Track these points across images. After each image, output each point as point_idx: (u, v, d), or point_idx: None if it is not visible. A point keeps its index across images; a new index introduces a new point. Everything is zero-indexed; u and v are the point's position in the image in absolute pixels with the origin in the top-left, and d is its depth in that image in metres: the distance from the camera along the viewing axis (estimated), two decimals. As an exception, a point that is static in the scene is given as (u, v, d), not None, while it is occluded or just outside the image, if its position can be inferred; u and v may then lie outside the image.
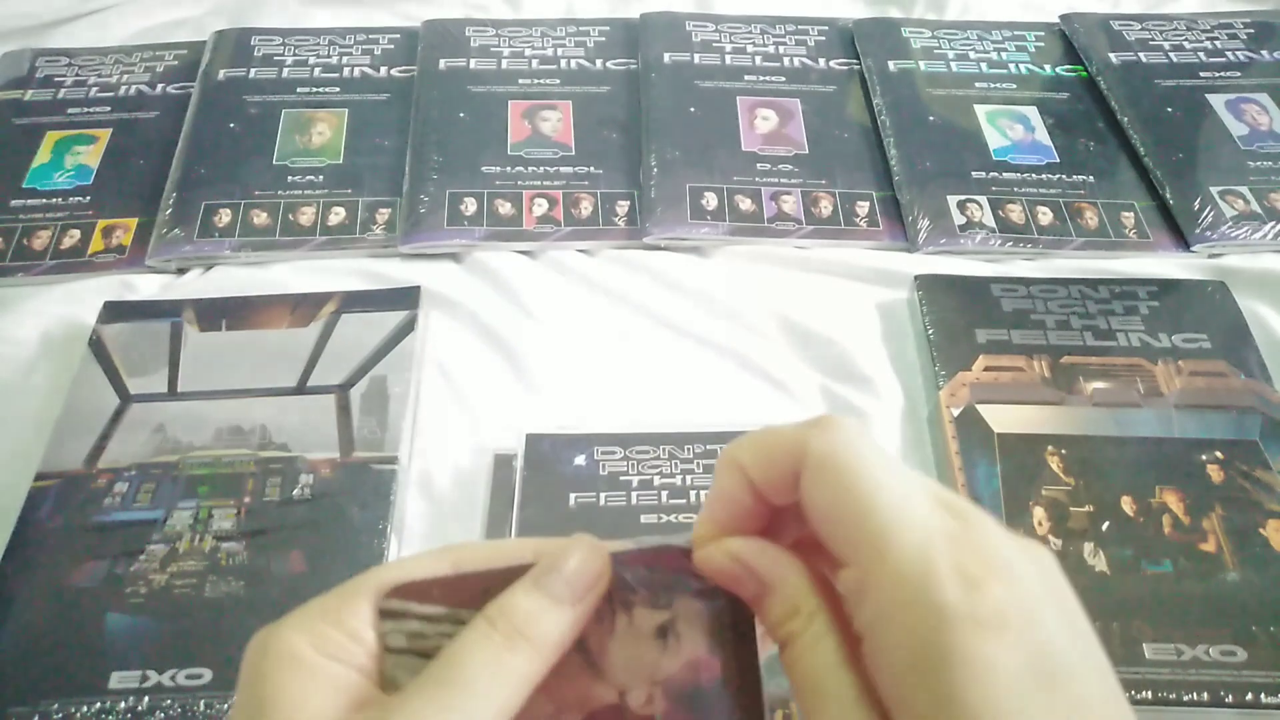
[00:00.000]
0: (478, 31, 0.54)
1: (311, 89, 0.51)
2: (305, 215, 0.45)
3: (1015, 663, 0.13)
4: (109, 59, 0.53)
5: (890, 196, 0.46)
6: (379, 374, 0.38)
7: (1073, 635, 0.14)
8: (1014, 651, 0.13)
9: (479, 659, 0.15)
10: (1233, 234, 0.44)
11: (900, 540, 0.14)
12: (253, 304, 0.40)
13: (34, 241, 0.44)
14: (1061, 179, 0.47)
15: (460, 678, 0.14)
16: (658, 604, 0.16)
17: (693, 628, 0.16)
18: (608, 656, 0.16)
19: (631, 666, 0.16)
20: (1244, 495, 0.34)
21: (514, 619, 0.15)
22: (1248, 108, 0.50)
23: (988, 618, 0.13)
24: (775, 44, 0.53)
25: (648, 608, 0.16)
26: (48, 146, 0.48)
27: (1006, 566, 0.14)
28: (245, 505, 0.34)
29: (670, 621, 0.16)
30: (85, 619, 0.31)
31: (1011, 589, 0.13)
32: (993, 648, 0.13)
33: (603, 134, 0.48)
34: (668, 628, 0.16)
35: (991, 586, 0.13)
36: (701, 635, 0.16)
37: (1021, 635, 0.13)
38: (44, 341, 0.40)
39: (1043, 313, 0.40)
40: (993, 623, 0.13)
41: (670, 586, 0.16)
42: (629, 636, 0.16)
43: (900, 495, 0.14)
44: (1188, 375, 0.37)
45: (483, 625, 0.15)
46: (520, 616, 0.15)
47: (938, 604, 0.13)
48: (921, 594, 0.13)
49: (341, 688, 0.15)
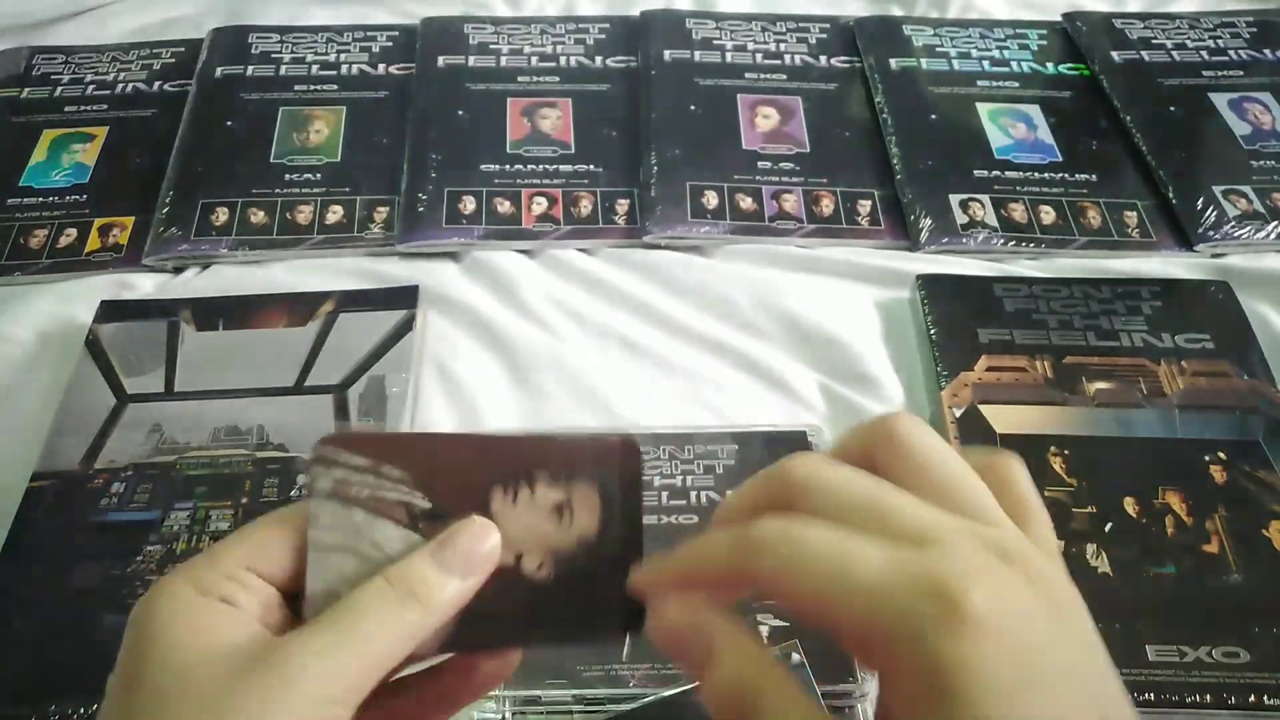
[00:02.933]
0: (476, 29, 0.53)
1: (309, 87, 0.50)
2: (303, 214, 0.45)
3: (992, 664, 0.13)
4: (106, 57, 0.53)
5: (892, 195, 0.46)
6: (377, 374, 0.38)
7: (1060, 641, 0.14)
8: (991, 654, 0.13)
9: (374, 612, 0.16)
10: (1235, 234, 0.44)
11: (853, 613, 0.14)
12: (250, 303, 0.40)
13: (30, 240, 0.44)
14: (1064, 178, 0.46)
15: (354, 625, 0.16)
16: (558, 484, 0.18)
17: (586, 509, 0.18)
18: (507, 525, 0.18)
19: (528, 535, 0.18)
20: (1247, 496, 0.34)
21: (410, 581, 0.17)
22: (1250, 107, 0.50)
23: (963, 626, 0.13)
24: (776, 41, 0.53)
25: (548, 487, 0.18)
26: (44, 145, 0.48)
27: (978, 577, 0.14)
28: (243, 506, 0.34)
29: (566, 501, 0.18)
30: (82, 620, 0.31)
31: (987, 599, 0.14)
32: (968, 650, 0.13)
33: (602, 132, 0.48)
34: (564, 506, 0.18)
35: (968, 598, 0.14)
36: (591, 518, 0.18)
37: (1000, 640, 0.13)
38: (40, 341, 0.40)
39: (1045, 313, 0.39)
40: (969, 630, 0.13)
41: (573, 473, 0.18)
42: (529, 509, 0.18)
43: (838, 574, 0.15)
44: (1190, 376, 0.37)
45: (380, 583, 0.17)
46: (416, 580, 0.17)
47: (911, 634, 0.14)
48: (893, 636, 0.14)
49: (225, 623, 0.16)
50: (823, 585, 0.15)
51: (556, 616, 0.18)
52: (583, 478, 0.18)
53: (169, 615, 0.16)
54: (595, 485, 0.18)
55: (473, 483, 0.18)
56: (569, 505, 0.18)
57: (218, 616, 0.16)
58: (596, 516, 0.18)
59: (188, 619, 0.16)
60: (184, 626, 0.16)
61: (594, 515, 0.18)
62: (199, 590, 0.16)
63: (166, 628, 0.16)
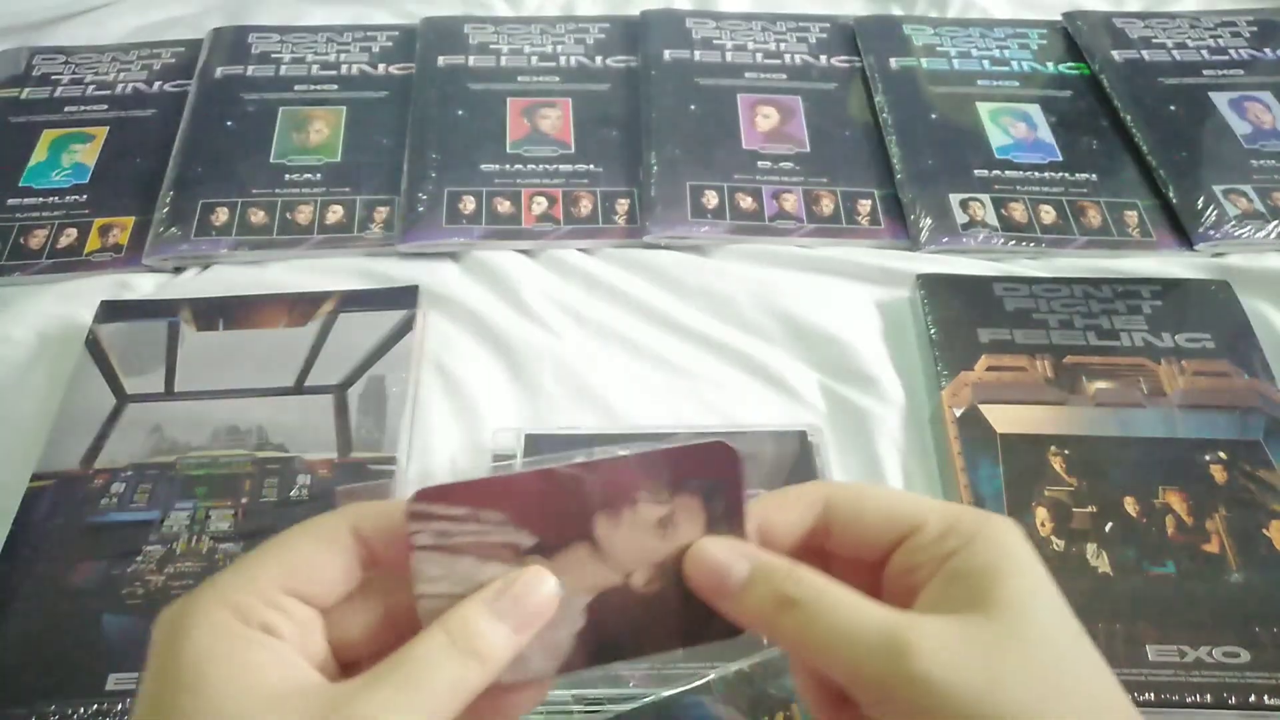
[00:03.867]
0: (476, 29, 0.53)
1: (309, 87, 0.50)
2: (303, 214, 0.45)
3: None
4: (106, 57, 0.53)
5: (892, 195, 0.46)
6: (377, 374, 0.38)
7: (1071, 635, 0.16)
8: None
9: (434, 667, 0.16)
10: (1236, 233, 0.44)
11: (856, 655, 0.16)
12: (250, 303, 0.40)
13: (30, 240, 0.44)
14: (1064, 177, 0.46)
15: (415, 681, 0.16)
16: (660, 499, 0.18)
17: (689, 518, 0.18)
18: (614, 545, 0.18)
19: (634, 553, 0.18)
20: (1248, 496, 0.34)
21: (469, 637, 0.17)
22: (1251, 106, 0.50)
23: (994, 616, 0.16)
24: (776, 41, 0.53)
25: (651, 504, 0.18)
26: (44, 145, 0.48)
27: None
28: (243, 506, 0.34)
29: (670, 515, 0.18)
30: (82, 620, 0.31)
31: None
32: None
33: (602, 132, 0.48)
34: (667, 520, 0.18)
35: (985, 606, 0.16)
36: (696, 526, 0.18)
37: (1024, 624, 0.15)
38: (41, 341, 0.40)
39: (1045, 312, 0.39)
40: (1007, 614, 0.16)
41: (674, 484, 0.18)
42: (633, 528, 0.18)
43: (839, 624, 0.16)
44: (1191, 375, 0.37)
45: (440, 636, 0.16)
46: (475, 634, 0.17)
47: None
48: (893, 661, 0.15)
49: (271, 660, 0.15)
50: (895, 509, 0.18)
51: (668, 628, 0.18)
52: (683, 489, 0.18)
53: (209, 649, 0.15)
54: (696, 494, 0.18)
55: (574, 512, 0.18)
56: (672, 519, 0.18)
57: (263, 653, 0.15)
58: (700, 524, 0.18)
59: (231, 655, 0.15)
60: (227, 664, 0.15)
61: (698, 523, 0.18)
62: (240, 618, 0.16)
63: (208, 664, 0.15)
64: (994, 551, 0.17)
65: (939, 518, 0.17)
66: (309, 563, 0.17)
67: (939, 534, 0.17)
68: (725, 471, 0.18)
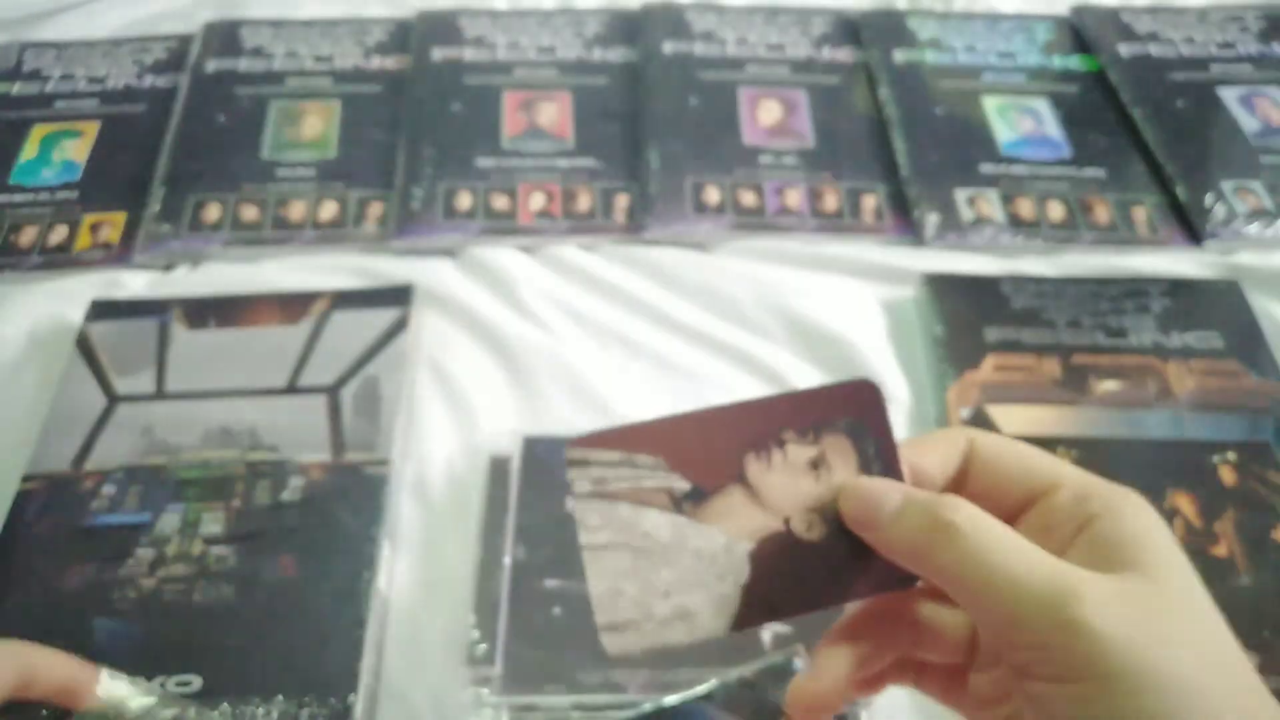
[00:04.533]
0: (472, 21, 0.53)
1: (302, 81, 0.50)
2: (296, 210, 0.44)
3: None
4: (97, 51, 0.52)
5: (897, 191, 0.45)
6: (371, 374, 0.37)
7: None
8: None
9: None
10: (1245, 230, 0.43)
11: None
12: (241, 302, 0.40)
13: (20, 238, 0.43)
14: (1072, 173, 0.46)
15: None
16: (807, 440, 0.18)
17: (841, 458, 0.18)
18: (768, 490, 0.18)
19: (790, 497, 0.18)
20: (1257, 498, 0.33)
21: None
22: (1260, 102, 0.49)
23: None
24: (778, 34, 0.52)
25: (799, 444, 0.18)
26: (34, 141, 0.47)
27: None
28: (234, 508, 0.33)
29: (821, 455, 0.18)
30: (73, 624, 0.31)
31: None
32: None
33: (602, 126, 0.47)
34: (819, 461, 0.18)
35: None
36: (849, 466, 0.18)
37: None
38: (30, 340, 0.40)
39: (1053, 311, 0.39)
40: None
41: (819, 424, 0.18)
42: (785, 471, 0.18)
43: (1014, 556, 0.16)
44: (1200, 375, 0.37)
45: None
46: None
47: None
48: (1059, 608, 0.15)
49: None
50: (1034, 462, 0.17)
51: (837, 576, 0.18)
52: (830, 428, 0.18)
53: None
54: (845, 433, 0.18)
55: (724, 455, 0.18)
56: (824, 459, 0.18)
57: None
58: (853, 464, 0.18)
59: None
60: None
61: (850, 463, 0.18)
62: None
63: None
64: (1140, 521, 0.16)
65: (1076, 481, 0.17)
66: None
67: (1077, 497, 0.17)
68: (869, 410, 0.18)
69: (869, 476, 0.18)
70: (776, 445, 0.18)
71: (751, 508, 0.18)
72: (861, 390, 0.18)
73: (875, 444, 0.18)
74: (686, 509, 0.18)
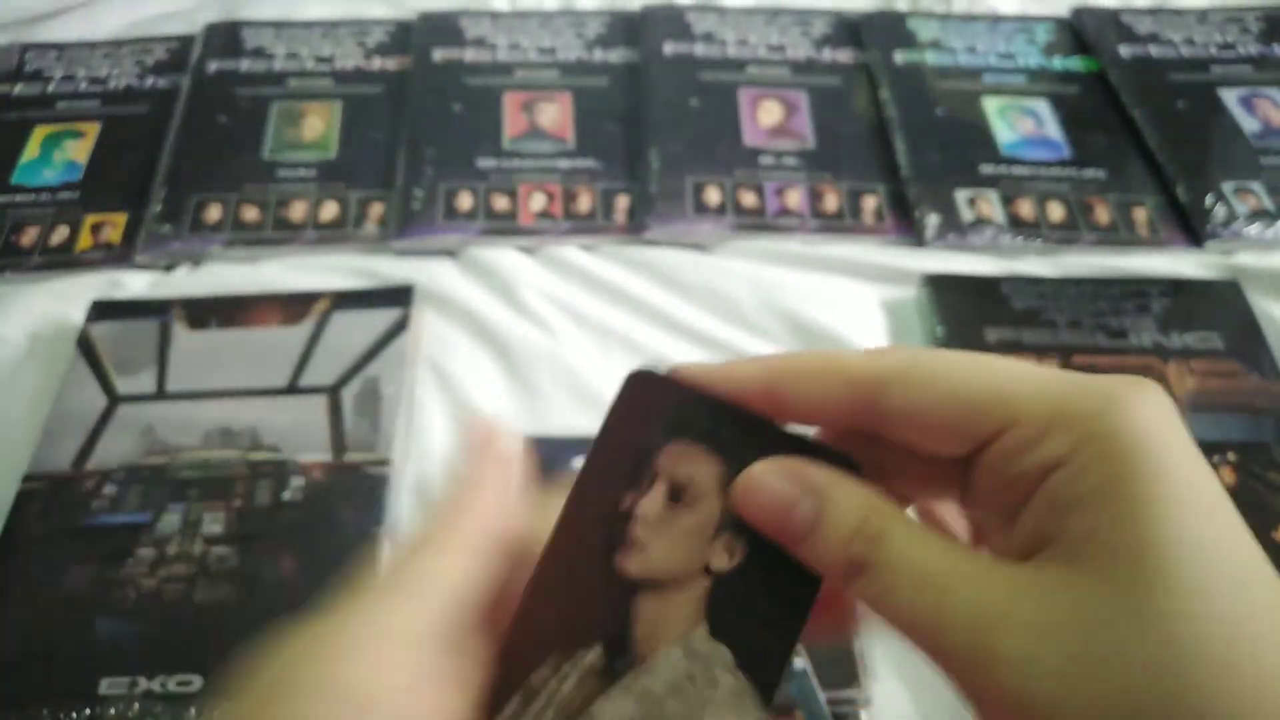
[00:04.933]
0: (473, 22, 0.53)
1: (303, 82, 0.50)
2: (297, 211, 0.44)
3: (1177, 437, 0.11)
4: (98, 52, 0.52)
5: (897, 191, 0.45)
6: (371, 374, 0.37)
7: None
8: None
9: None
10: (1245, 231, 0.43)
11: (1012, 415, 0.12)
12: (242, 302, 0.40)
13: (22, 238, 0.43)
14: (1072, 174, 0.46)
15: None
16: (643, 485, 0.15)
17: (688, 464, 0.15)
18: (663, 564, 0.14)
19: (685, 550, 0.14)
20: (1256, 499, 0.33)
21: None
22: (1260, 103, 0.49)
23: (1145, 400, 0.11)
24: (779, 35, 0.52)
25: (641, 495, 0.15)
26: (36, 142, 0.47)
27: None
28: (235, 508, 0.33)
29: (669, 484, 0.15)
30: (74, 624, 0.31)
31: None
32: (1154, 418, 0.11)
33: (602, 127, 0.47)
34: (674, 491, 0.15)
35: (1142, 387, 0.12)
36: (704, 465, 0.14)
37: None
38: (31, 341, 0.40)
39: (1053, 312, 0.39)
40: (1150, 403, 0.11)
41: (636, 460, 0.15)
42: (657, 535, 0.14)
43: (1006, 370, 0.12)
44: (1200, 376, 0.37)
45: None
46: None
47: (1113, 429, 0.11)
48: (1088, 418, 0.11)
49: None
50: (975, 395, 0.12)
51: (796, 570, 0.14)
52: (648, 452, 0.14)
53: None
54: (666, 441, 0.14)
55: (596, 590, 0.14)
56: (674, 484, 0.14)
57: None
58: (707, 460, 0.14)
59: None
60: None
61: (703, 462, 0.14)
62: None
63: None
64: (1124, 459, 0.11)
65: (1040, 402, 0.12)
66: (440, 606, 0.13)
67: (1039, 430, 0.12)
68: (658, 398, 0.14)
69: (761, 464, 0.14)
70: (624, 523, 0.14)
71: (670, 598, 0.14)
72: (634, 389, 0.15)
73: (709, 421, 0.14)
74: (620, 669, 0.14)
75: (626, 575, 0.14)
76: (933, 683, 0.30)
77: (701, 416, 0.15)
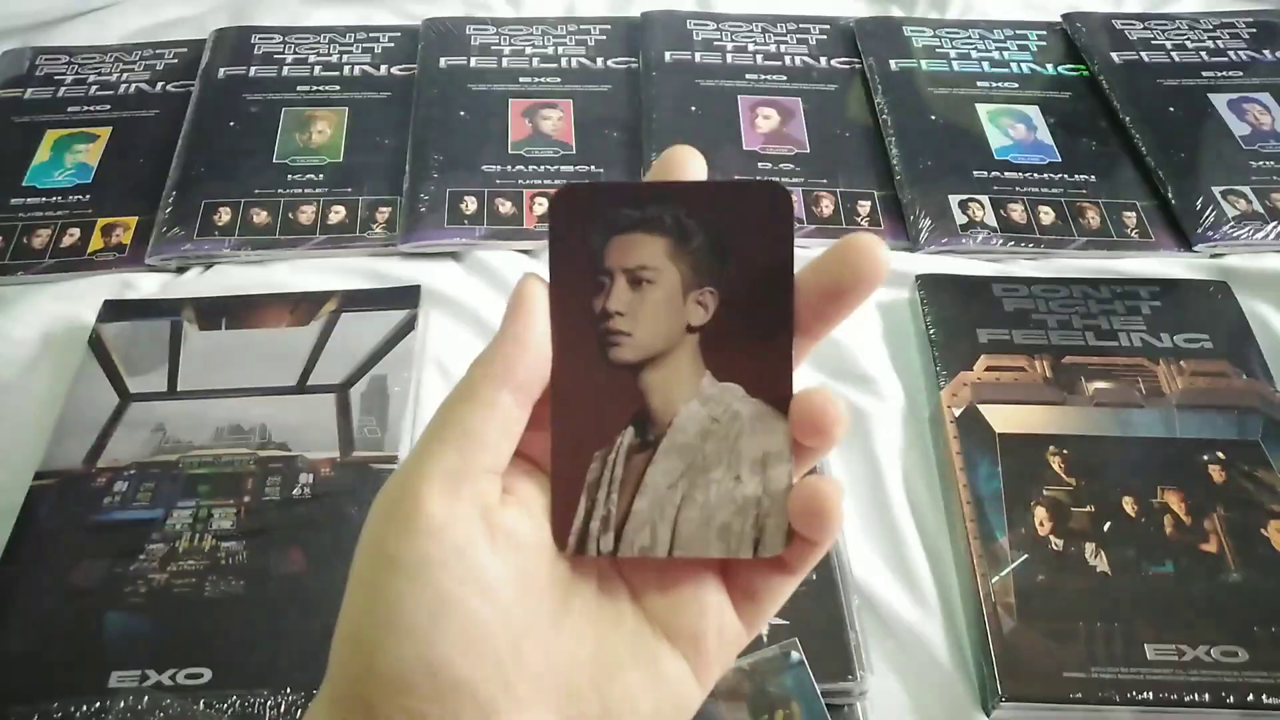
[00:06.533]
0: (478, 30, 0.54)
1: (312, 87, 0.51)
2: (305, 214, 0.45)
3: None
4: (109, 57, 0.53)
5: (892, 196, 0.46)
6: (379, 373, 0.38)
7: None
8: None
9: None
10: (1235, 234, 0.44)
11: None
12: (252, 303, 0.40)
13: (34, 240, 0.44)
14: (1063, 178, 0.47)
15: None
16: (602, 285, 0.16)
17: (637, 250, 0.17)
18: (650, 339, 0.17)
19: (664, 317, 0.16)
20: (1246, 496, 0.34)
21: None
22: (1250, 107, 0.50)
23: None
24: (776, 43, 0.53)
25: (605, 296, 0.17)
26: (47, 145, 0.48)
27: None
28: (245, 505, 0.34)
29: (629, 271, 0.17)
30: (85, 618, 0.31)
31: None
32: None
33: (604, 133, 0.48)
34: (632, 276, 0.17)
35: None
36: (653, 248, 0.17)
37: None
38: (44, 340, 0.40)
39: (1044, 312, 0.40)
40: None
41: (584, 268, 0.16)
42: (634, 312, 0.17)
43: None
44: (1189, 375, 0.37)
45: None
46: None
47: None
48: None
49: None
50: None
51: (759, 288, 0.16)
52: (581, 257, 0.16)
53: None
54: (601, 236, 0.16)
55: (608, 375, 0.16)
56: (633, 269, 0.16)
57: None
58: (656, 242, 0.17)
59: None
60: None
61: (652, 244, 0.17)
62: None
63: None
64: None
65: None
66: (494, 448, 0.16)
67: None
68: (590, 206, 0.16)
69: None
70: (605, 321, 0.16)
71: (669, 365, 0.16)
72: (560, 208, 0.16)
73: (634, 208, 0.16)
74: (655, 439, 0.16)
75: (625, 363, 0.16)
76: (928, 675, 0.31)
77: (626, 206, 0.16)
